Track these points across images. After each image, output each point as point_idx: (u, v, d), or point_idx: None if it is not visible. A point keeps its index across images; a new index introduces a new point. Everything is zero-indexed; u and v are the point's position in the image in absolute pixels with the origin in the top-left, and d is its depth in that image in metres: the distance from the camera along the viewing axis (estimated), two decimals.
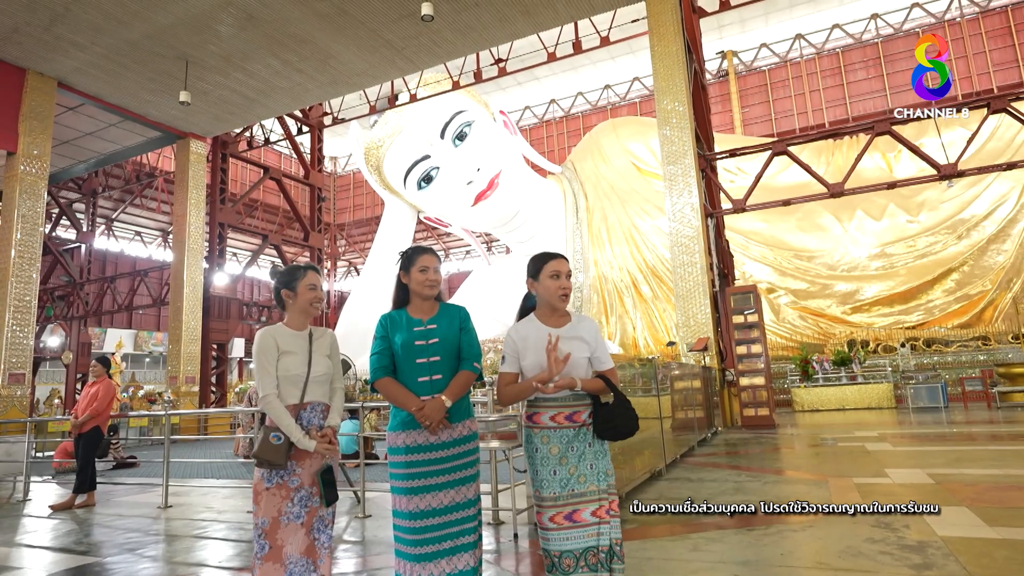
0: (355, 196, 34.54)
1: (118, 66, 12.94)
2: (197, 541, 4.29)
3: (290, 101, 15.60)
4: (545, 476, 2.16)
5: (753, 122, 25.92)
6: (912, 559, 2.82)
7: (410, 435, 2.26)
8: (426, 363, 2.30)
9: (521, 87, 27.24)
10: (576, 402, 2.21)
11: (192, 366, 16.37)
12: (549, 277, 2.27)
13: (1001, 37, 22.91)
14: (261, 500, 2.32)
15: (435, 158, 20.74)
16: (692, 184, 11.18)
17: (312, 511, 2.37)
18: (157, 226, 30.15)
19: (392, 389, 2.29)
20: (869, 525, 3.48)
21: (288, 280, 2.51)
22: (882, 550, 3.00)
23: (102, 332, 28.99)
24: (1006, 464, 5.34)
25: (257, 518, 2.31)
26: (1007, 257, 17.07)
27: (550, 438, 2.20)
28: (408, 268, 2.41)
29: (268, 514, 2.30)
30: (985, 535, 3.15)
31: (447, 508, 2.22)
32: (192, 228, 16.76)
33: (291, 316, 2.52)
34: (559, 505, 2.12)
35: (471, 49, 14.14)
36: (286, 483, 2.34)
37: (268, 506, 2.30)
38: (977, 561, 2.74)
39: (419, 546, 2.17)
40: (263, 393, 2.34)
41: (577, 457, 2.17)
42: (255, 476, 2.36)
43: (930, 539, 3.12)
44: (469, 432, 2.34)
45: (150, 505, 5.71)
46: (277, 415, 2.32)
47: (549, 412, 2.21)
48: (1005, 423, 8.86)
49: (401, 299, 2.44)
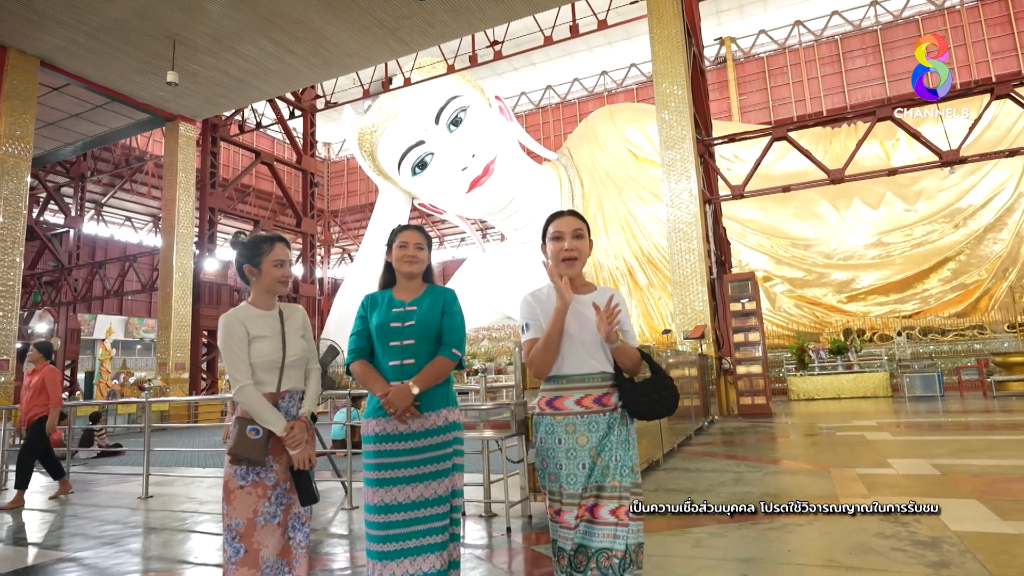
0: (349, 182, 34.19)
1: (103, 45, 12.60)
2: (176, 534, 4.12)
3: (282, 83, 15.28)
4: (573, 471, 1.88)
5: (750, 109, 25.69)
6: (927, 556, 2.68)
7: (379, 423, 2.09)
8: (399, 346, 2.13)
9: (517, 73, 26.89)
10: (604, 382, 1.95)
11: (182, 353, 16.16)
12: (552, 239, 2.03)
13: (1000, 25, 22.71)
14: (234, 499, 2.08)
15: (430, 144, 20.47)
16: (690, 169, 10.98)
17: (288, 508, 2.16)
18: (148, 211, 29.76)
19: (363, 373, 2.13)
20: (878, 519, 3.34)
21: (251, 254, 2.22)
22: (894, 546, 2.85)
23: (92, 318, 28.69)
24: (1011, 454, 5.22)
25: (230, 519, 2.07)
26: (1003, 247, 17.00)
27: (576, 426, 1.90)
28: (390, 246, 2.28)
29: (243, 515, 2.07)
30: (1000, 530, 3.02)
31: (414, 504, 2.02)
32: (182, 213, 16.47)
33: (256, 294, 2.24)
34: (584, 500, 1.88)
35: (466, 31, 13.84)
36: (262, 480, 2.11)
37: (243, 506, 2.08)
38: (996, 559, 2.59)
39: (383, 543, 1.99)
40: (238, 383, 2.09)
41: (604, 447, 1.91)
42: (225, 472, 2.12)
43: (943, 534, 2.98)
44: (446, 423, 2.13)
45: (130, 495, 5.52)
46: (255, 405, 2.08)
47: (575, 395, 1.92)
48: (1003, 412, 8.77)
49: (388, 280, 2.29)
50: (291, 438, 2.10)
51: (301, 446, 2.12)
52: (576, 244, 2.00)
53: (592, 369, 1.93)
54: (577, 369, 1.93)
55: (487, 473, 4.12)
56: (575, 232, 2.00)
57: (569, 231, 2.00)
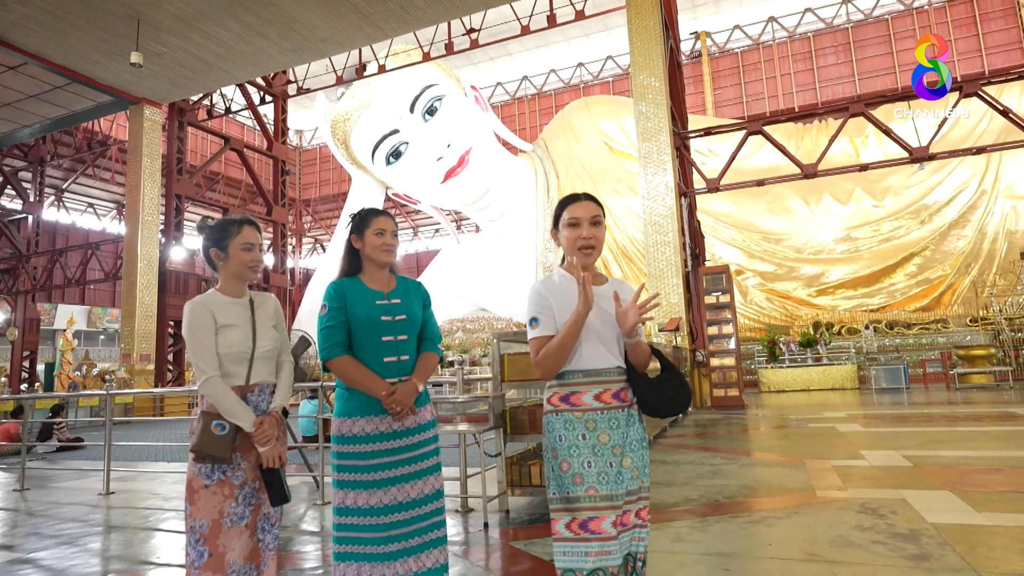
0: (321, 171, 33.62)
1: (63, 23, 12.09)
2: (139, 533, 3.95)
3: (251, 68, 14.87)
4: (603, 468, 1.71)
5: (725, 104, 25.90)
6: (907, 549, 2.67)
7: (371, 422, 2.00)
8: (393, 342, 2.04)
9: (493, 63, 26.67)
10: (619, 377, 1.82)
11: (147, 343, 15.72)
12: (567, 226, 1.86)
13: (967, 26, 23.25)
14: (198, 499, 1.94)
15: (404, 133, 20.18)
16: (667, 162, 10.99)
17: (257, 508, 2.03)
18: (111, 198, 28.85)
19: (354, 369, 2.00)
20: (855, 511, 3.34)
21: (218, 238, 2.08)
22: (874, 539, 2.85)
23: (52, 308, 27.80)
24: (977, 446, 5.32)
25: (193, 520, 1.94)
26: (966, 243, 17.45)
27: (597, 423, 1.75)
28: (361, 231, 2.12)
29: (207, 516, 1.93)
30: (975, 521, 3.04)
31: (415, 501, 1.99)
32: (147, 199, 15.98)
33: (224, 280, 2.10)
34: (615, 507, 1.69)
35: (442, 17, 13.62)
36: (229, 479, 1.97)
37: (207, 506, 1.94)
38: (974, 551, 2.60)
39: (385, 544, 1.92)
40: (205, 374, 1.94)
41: (628, 447, 1.78)
42: (189, 471, 1.98)
43: (921, 527, 2.99)
44: (432, 417, 2.13)
45: (91, 492, 5.30)
46: (222, 399, 1.94)
47: (593, 389, 1.78)
48: (966, 404, 8.99)
49: (352, 267, 2.14)
50: (260, 434, 1.97)
51: (271, 443, 1.99)
52: (594, 232, 1.85)
53: (609, 364, 1.81)
54: (594, 364, 1.80)
55: (464, 468, 4.04)
56: (593, 219, 1.85)
57: (587, 217, 1.85)
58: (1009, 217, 17.07)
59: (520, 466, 4.01)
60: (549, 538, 3.20)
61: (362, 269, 2.14)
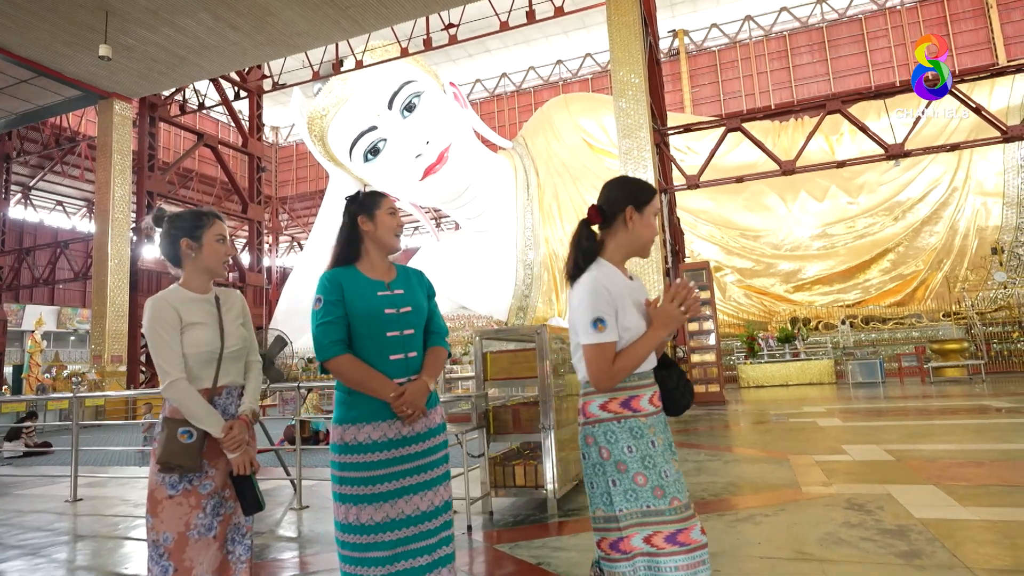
0: (298, 168, 33.16)
1: (27, 13, 11.69)
2: (107, 542, 3.79)
3: (225, 62, 14.54)
4: (676, 476, 1.60)
5: (702, 102, 26.06)
6: (897, 546, 2.65)
7: (378, 428, 1.80)
8: (399, 337, 1.85)
9: (472, 60, 26.51)
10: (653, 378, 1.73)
11: (119, 344, 15.33)
12: (654, 215, 1.73)
13: (938, 26, 23.64)
14: (162, 511, 1.79)
15: (382, 129, 19.98)
16: (647, 158, 10.98)
17: (226, 519, 1.88)
18: (81, 196, 28.11)
19: (358, 369, 1.80)
20: (842, 508, 3.32)
21: (191, 227, 1.93)
22: (863, 535, 2.82)
23: (20, 308, 27.02)
24: (957, 439, 5.37)
25: (156, 534, 1.79)
26: (939, 239, 17.78)
27: (656, 428, 1.64)
28: (372, 211, 1.91)
29: (172, 528, 1.78)
30: (962, 516, 3.03)
31: (425, 515, 1.80)
32: (117, 197, 15.57)
33: (190, 275, 1.94)
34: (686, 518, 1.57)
35: (421, 11, 13.46)
36: (196, 488, 1.82)
37: (172, 519, 1.79)
38: (963, 547, 2.59)
39: (392, 563, 1.73)
40: (169, 377, 1.80)
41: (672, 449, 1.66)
42: (151, 480, 1.83)
43: (909, 522, 2.97)
44: (442, 420, 1.95)
45: (57, 499, 5.11)
46: (188, 403, 1.80)
47: (647, 392, 1.67)
48: (942, 397, 9.12)
49: (351, 253, 1.91)
50: (230, 439, 1.83)
51: (241, 448, 1.85)
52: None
53: (653, 363, 1.72)
54: (649, 364, 1.70)
55: None
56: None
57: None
58: (980, 213, 17.42)
59: (504, 466, 3.93)
60: (535, 540, 3.14)
61: (360, 257, 1.92)
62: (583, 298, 1.62)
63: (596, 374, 1.60)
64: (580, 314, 1.62)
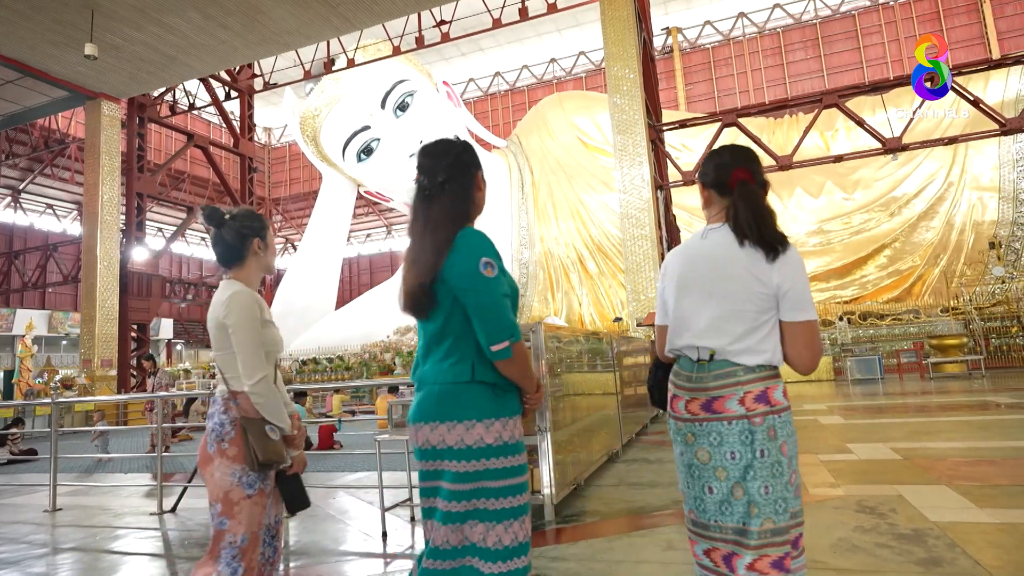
0: (291, 169, 32.96)
1: (10, 12, 11.47)
2: (85, 554, 3.62)
3: (215, 61, 14.34)
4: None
5: (696, 100, 25.97)
6: (915, 552, 2.50)
7: (520, 424, 1.57)
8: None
9: (465, 58, 26.35)
10: None
11: (109, 348, 15.11)
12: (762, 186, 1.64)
13: (931, 22, 23.62)
14: (239, 512, 1.79)
15: (376, 129, 19.81)
16: (643, 155, 10.85)
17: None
18: (72, 198, 27.80)
19: (528, 357, 1.56)
20: (853, 511, 3.18)
21: (261, 227, 1.95)
22: (877, 541, 2.67)
23: (10, 312, 26.69)
24: (965, 436, 5.24)
25: (233, 535, 1.78)
26: (935, 234, 17.71)
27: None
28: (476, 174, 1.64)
29: (249, 528, 1.80)
30: (979, 519, 2.89)
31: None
32: (105, 198, 15.35)
33: (251, 273, 1.95)
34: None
35: (412, 8, 13.29)
36: (265, 487, 1.85)
37: (249, 518, 1.80)
38: (985, 552, 2.44)
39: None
40: (260, 372, 1.80)
41: None
42: (227, 481, 1.79)
43: (924, 526, 2.83)
44: None
45: (36, 508, 4.92)
46: (274, 400, 1.83)
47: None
48: (944, 393, 9.01)
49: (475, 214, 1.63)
50: (298, 437, 1.93)
51: (302, 446, 1.97)
52: None
53: None
54: None
55: None
56: None
57: None
58: (976, 208, 17.34)
59: None
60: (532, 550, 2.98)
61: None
62: (803, 272, 1.50)
63: (819, 353, 1.50)
64: (806, 288, 1.49)
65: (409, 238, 1.60)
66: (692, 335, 1.52)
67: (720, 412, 1.46)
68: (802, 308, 1.47)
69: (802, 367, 1.49)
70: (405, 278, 1.54)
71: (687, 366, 1.54)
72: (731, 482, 1.44)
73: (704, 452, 1.48)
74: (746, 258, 1.48)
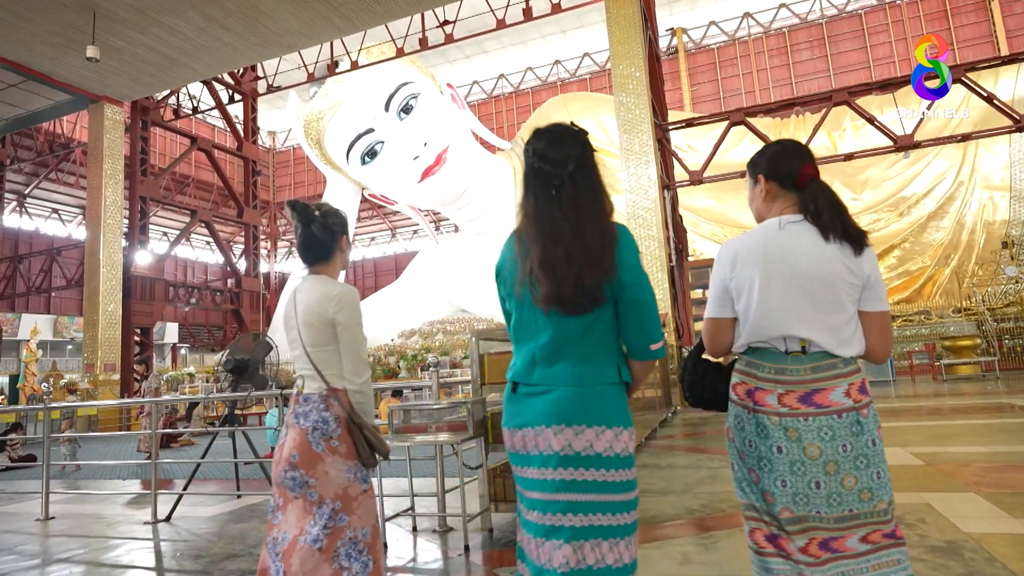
0: (296, 173, 32.92)
1: (11, 15, 11.43)
2: (75, 567, 3.48)
3: (216, 63, 14.28)
4: None
5: (702, 100, 25.79)
6: (952, 568, 2.33)
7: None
8: None
9: (469, 61, 26.26)
10: None
11: (112, 352, 15.03)
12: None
13: (939, 20, 23.39)
14: (358, 507, 1.83)
15: (379, 132, 19.70)
16: (649, 154, 10.69)
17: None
18: (77, 203, 27.81)
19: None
20: None
21: (345, 224, 1.99)
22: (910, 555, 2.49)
23: (16, 317, 26.73)
24: (988, 440, 5.05)
25: (354, 530, 1.80)
26: (945, 234, 17.48)
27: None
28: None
29: (368, 522, 1.84)
30: (1016, 530, 2.71)
31: None
32: (108, 202, 15.30)
33: (335, 270, 1.98)
34: None
35: (415, 8, 13.19)
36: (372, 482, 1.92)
37: (367, 512, 1.85)
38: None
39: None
40: (367, 372, 1.90)
41: None
42: (343, 478, 1.82)
43: (958, 538, 2.65)
44: None
45: (29, 517, 4.79)
46: (372, 398, 1.92)
47: None
48: (958, 396, 8.80)
49: None
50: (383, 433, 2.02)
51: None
52: None
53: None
54: None
55: (441, 482, 3.62)
56: None
57: None
58: (987, 208, 17.11)
59: (505, 479, 3.61)
60: None
61: None
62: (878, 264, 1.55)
63: (891, 343, 1.58)
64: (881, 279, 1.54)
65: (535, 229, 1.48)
66: (785, 326, 1.48)
67: (825, 405, 1.45)
68: (881, 298, 1.52)
69: (881, 355, 1.53)
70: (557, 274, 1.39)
71: (773, 358, 1.51)
72: (842, 474, 1.44)
73: (815, 448, 1.44)
74: (838, 251, 1.48)
